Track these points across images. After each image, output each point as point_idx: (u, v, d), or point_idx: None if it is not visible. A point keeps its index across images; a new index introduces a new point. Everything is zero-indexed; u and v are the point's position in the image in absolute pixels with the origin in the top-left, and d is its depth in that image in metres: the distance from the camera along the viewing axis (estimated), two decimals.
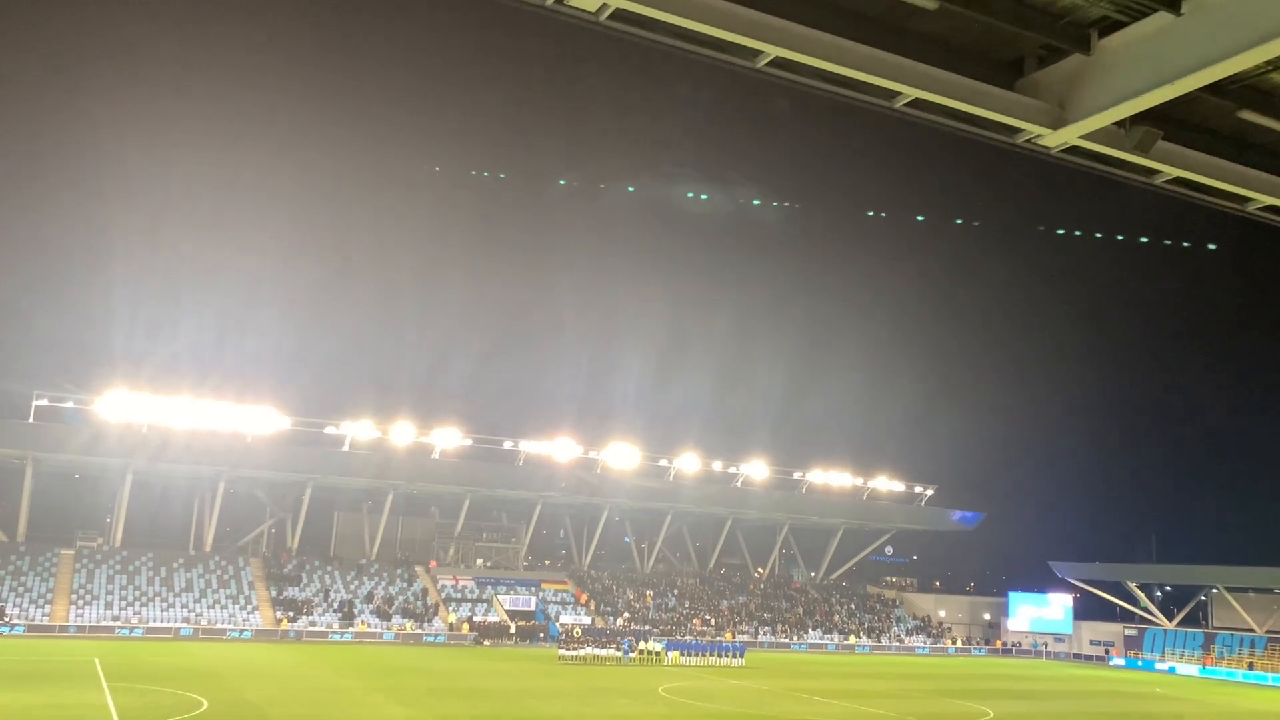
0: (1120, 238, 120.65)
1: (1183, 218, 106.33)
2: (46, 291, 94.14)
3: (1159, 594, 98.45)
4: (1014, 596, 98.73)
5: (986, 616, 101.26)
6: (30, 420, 69.55)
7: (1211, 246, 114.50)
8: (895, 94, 13.21)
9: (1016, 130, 13.72)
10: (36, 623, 63.49)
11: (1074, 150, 14.18)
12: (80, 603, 67.00)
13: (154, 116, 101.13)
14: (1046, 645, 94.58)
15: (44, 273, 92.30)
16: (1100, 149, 13.92)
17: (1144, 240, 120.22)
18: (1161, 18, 11.96)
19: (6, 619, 62.80)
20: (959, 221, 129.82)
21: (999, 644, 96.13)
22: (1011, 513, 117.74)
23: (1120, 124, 13.37)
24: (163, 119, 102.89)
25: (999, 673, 70.10)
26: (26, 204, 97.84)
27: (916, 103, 13.33)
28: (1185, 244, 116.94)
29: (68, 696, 34.42)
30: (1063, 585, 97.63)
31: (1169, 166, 14.32)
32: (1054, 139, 13.71)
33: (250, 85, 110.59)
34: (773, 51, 12.32)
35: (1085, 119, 13.09)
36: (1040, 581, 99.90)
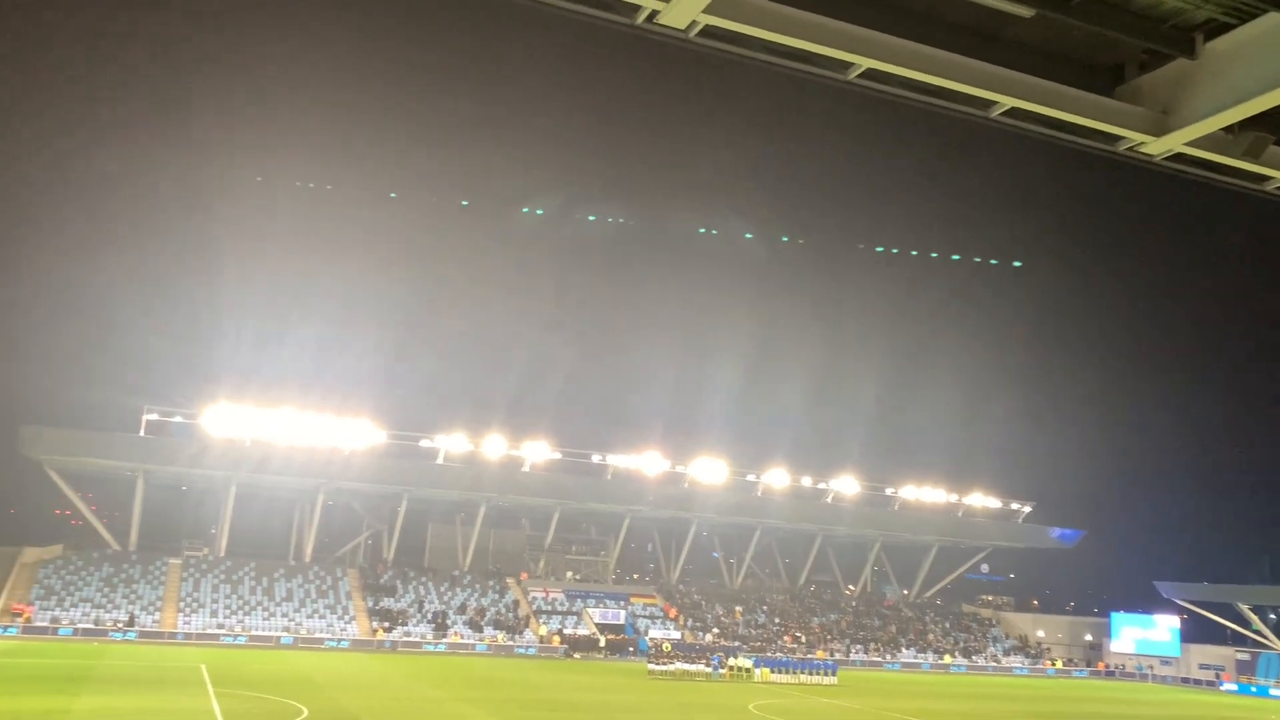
0: (1231, 248, 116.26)
1: None
2: (156, 309, 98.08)
3: (1273, 616, 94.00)
4: (1117, 617, 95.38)
5: (1088, 637, 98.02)
6: (141, 434, 72.53)
7: None
8: (991, 103, 13.00)
9: (1118, 138, 13.38)
10: (147, 629, 65.93)
11: (1179, 157, 13.76)
12: (187, 610, 69.39)
13: (261, 137, 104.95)
14: (1152, 668, 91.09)
15: (153, 291, 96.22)
16: (1207, 155, 13.48)
17: (1255, 251, 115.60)
18: (1271, 18, 11.56)
19: (122, 625, 65.35)
20: (1057, 234, 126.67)
21: (1101, 666, 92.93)
22: (1114, 530, 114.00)
23: (1228, 129, 12.94)
24: (269, 140, 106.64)
25: (1102, 695, 67.74)
26: (137, 224, 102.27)
27: (1013, 112, 13.10)
28: None
29: (177, 702, 35.67)
30: (1169, 606, 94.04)
31: None
32: (1158, 146, 13.33)
33: (352, 109, 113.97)
34: (864, 64, 12.25)
35: (1191, 125, 12.71)
36: (1145, 602, 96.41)
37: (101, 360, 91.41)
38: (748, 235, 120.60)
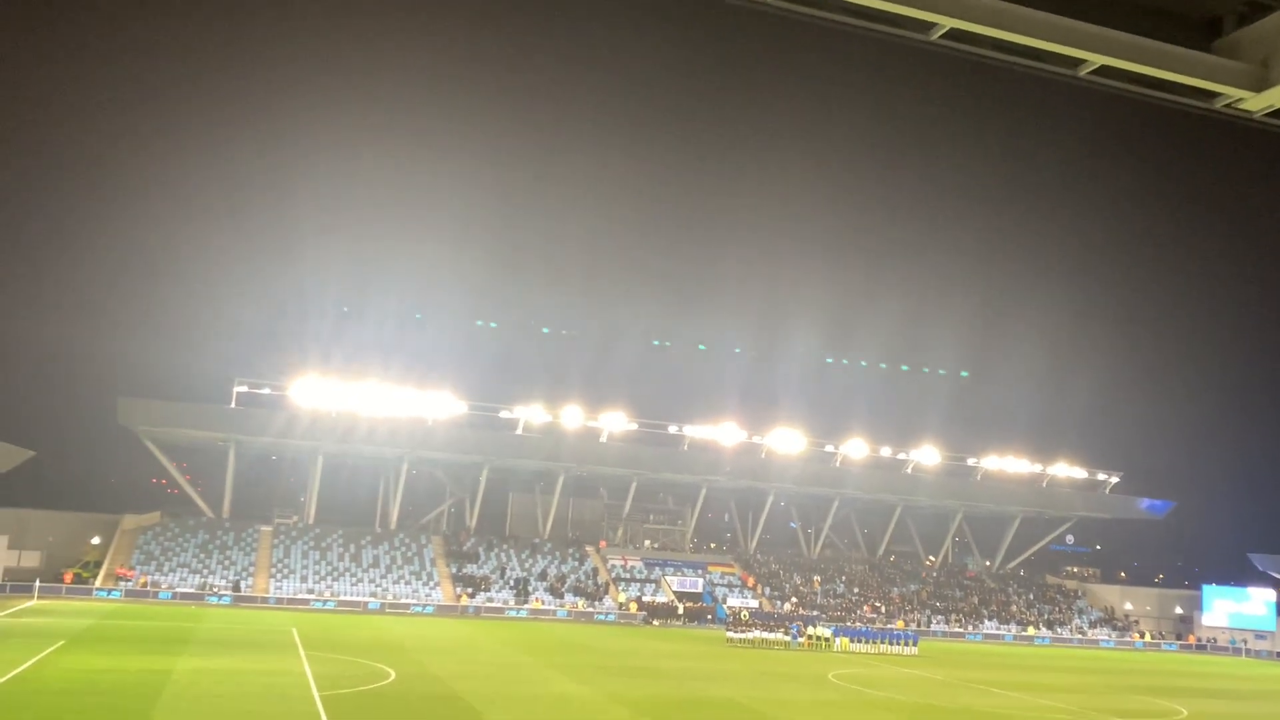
0: None
1: None
2: (244, 282, 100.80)
3: None
4: (1208, 590, 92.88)
5: (1178, 610, 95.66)
6: (232, 405, 74.84)
7: None
8: (1080, 62, 12.61)
9: (1215, 95, 12.87)
10: (242, 594, 68.34)
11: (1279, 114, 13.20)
12: (279, 576, 71.70)
13: (339, 114, 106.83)
14: (1246, 642, 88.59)
15: (241, 264, 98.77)
16: None
17: None
18: None
19: (219, 590, 67.85)
20: (1147, 197, 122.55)
21: (1192, 639, 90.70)
22: (1205, 501, 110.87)
23: None
24: (347, 116, 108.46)
25: (1193, 670, 66.18)
26: (228, 198, 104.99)
27: (1103, 70, 12.68)
28: None
29: (271, 663, 36.97)
30: (1264, 579, 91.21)
31: None
32: (1258, 102, 12.78)
33: (428, 81, 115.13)
34: (948, 23, 11.95)
35: None
36: (1238, 574, 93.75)
37: (194, 334, 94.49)
38: (825, 199, 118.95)
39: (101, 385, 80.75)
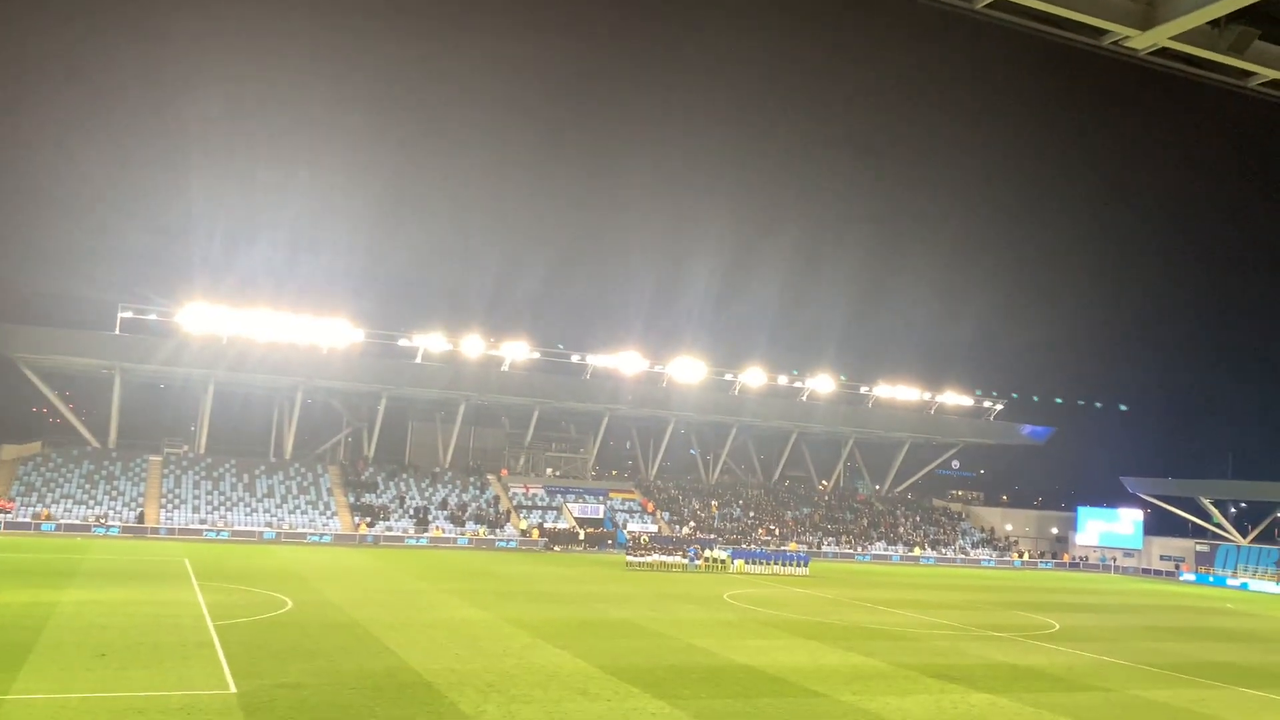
0: (1211, 145, 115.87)
1: (1271, 121, 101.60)
2: (128, 205, 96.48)
3: (1233, 510, 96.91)
4: (1083, 511, 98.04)
5: (1054, 531, 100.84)
6: (116, 332, 72.03)
7: None
8: None
9: (1103, 32, 13.22)
10: (129, 524, 66.61)
11: (1163, 52, 13.62)
12: (169, 506, 70.05)
13: (230, 34, 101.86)
14: (1115, 560, 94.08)
15: (125, 187, 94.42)
16: (1191, 50, 13.35)
17: (1235, 147, 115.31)
18: None
19: (104, 520, 65.99)
20: (1034, 129, 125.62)
21: (1066, 558, 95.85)
22: (1083, 428, 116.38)
23: (1214, 23, 12.82)
24: (237, 35, 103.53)
25: (1065, 586, 70.06)
26: (109, 120, 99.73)
27: (997, 4, 12.90)
28: (1274, 148, 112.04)
29: (162, 594, 36.28)
30: (1134, 501, 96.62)
31: (1265, 68, 13.70)
32: (1143, 40, 13.18)
33: (321, 4, 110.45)
34: None
35: (1177, 19, 12.56)
36: (1111, 497, 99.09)
37: (75, 257, 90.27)
38: (723, 131, 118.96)
39: None
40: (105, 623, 28.51)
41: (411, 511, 76.79)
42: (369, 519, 73.85)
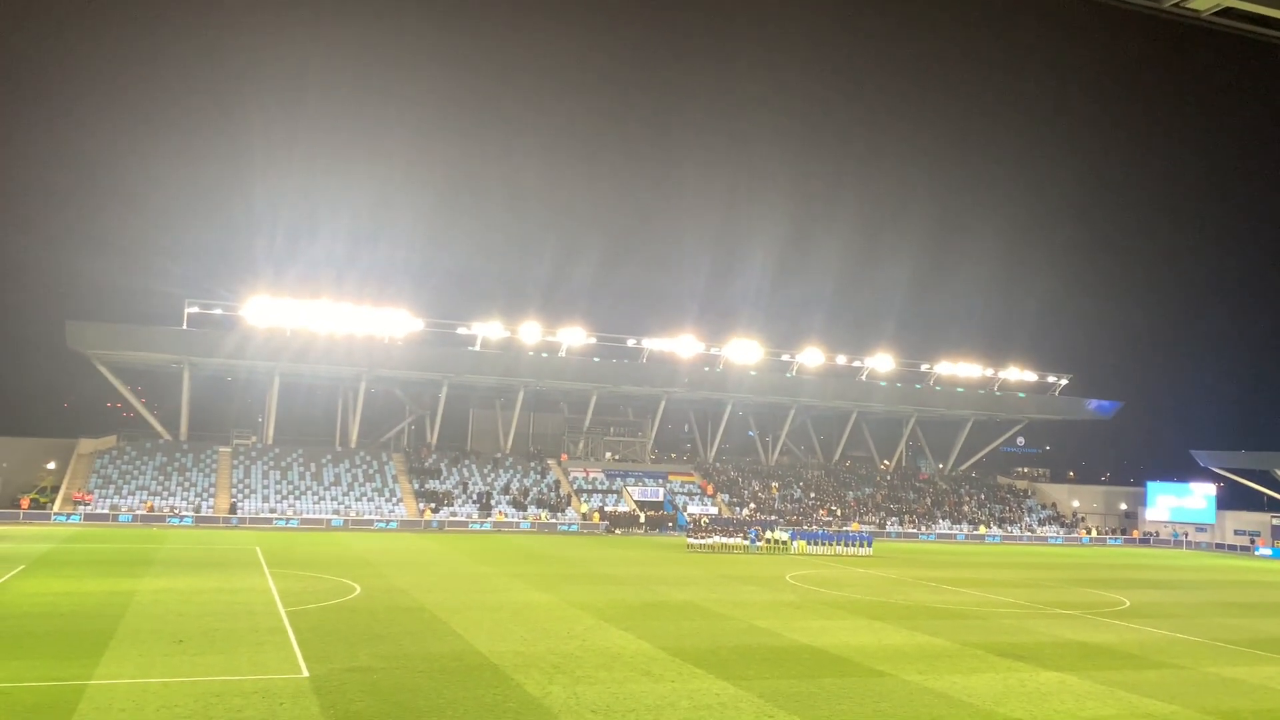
0: (1271, 108, 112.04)
1: None
2: (193, 202, 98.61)
3: None
4: (1152, 486, 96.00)
5: (1123, 506, 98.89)
6: (184, 326, 73.76)
7: None
8: None
9: None
10: (202, 514, 68.32)
11: (1227, 12, 13.21)
12: (240, 496, 71.68)
13: (291, 33, 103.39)
14: (1187, 535, 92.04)
15: (190, 184, 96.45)
16: (1257, 9, 12.93)
17: None
18: None
19: (179, 511, 67.79)
20: (1102, 103, 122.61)
21: (1136, 534, 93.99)
22: (1151, 401, 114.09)
23: None
24: (298, 34, 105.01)
25: (1136, 563, 68.73)
26: (174, 119, 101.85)
27: None
28: None
29: (235, 581, 37.19)
30: (1205, 475, 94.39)
31: None
32: (1205, 1, 12.81)
33: (379, 2, 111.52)
34: None
35: None
36: (1182, 471, 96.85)
37: (143, 255, 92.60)
38: (781, 114, 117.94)
39: (50, 308, 79.21)
40: (181, 610, 29.33)
41: (474, 497, 77.71)
42: (433, 505, 74.90)
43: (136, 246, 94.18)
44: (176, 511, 67.80)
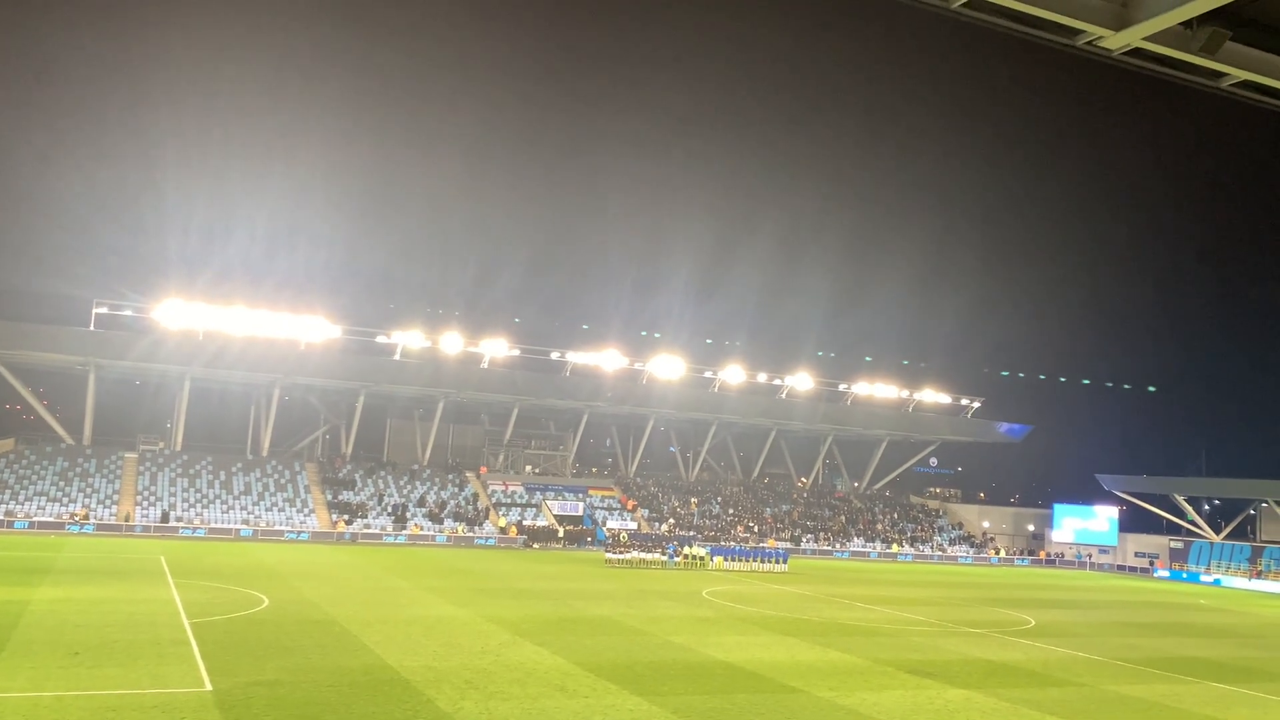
0: (1184, 145, 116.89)
1: (1244, 121, 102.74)
2: (103, 201, 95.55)
3: (1207, 508, 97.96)
4: (1059, 508, 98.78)
5: (1030, 528, 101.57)
6: (91, 328, 71.39)
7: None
8: None
9: (1077, 31, 13.32)
10: (104, 522, 66.04)
11: (1137, 53, 13.73)
12: (145, 504, 69.50)
13: (204, 30, 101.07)
14: (1091, 557, 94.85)
15: (101, 182, 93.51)
16: (1164, 51, 13.46)
17: (1207, 146, 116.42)
18: None
19: (79, 518, 65.40)
20: (1014, 128, 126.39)
21: (1042, 555, 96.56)
22: (1059, 426, 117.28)
23: (1187, 24, 12.93)
24: (212, 32, 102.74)
25: (1041, 582, 70.60)
26: (82, 116, 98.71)
27: (973, 3, 12.98)
28: (1243, 147, 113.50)
29: (138, 591, 36.00)
30: (1109, 498, 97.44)
31: (1237, 69, 13.83)
32: (1116, 40, 13.28)
33: (296, 1, 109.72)
34: None
35: (1150, 19, 12.67)
36: (1086, 494, 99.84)
37: (50, 253, 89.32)
38: (701, 129, 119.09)
39: None
40: (79, 621, 28.27)
41: (390, 509, 76.51)
42: (347, 516, 73.54)
43: (41, 246, 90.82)
44: (76, 518, 65.41)
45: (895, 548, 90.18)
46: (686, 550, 64.70)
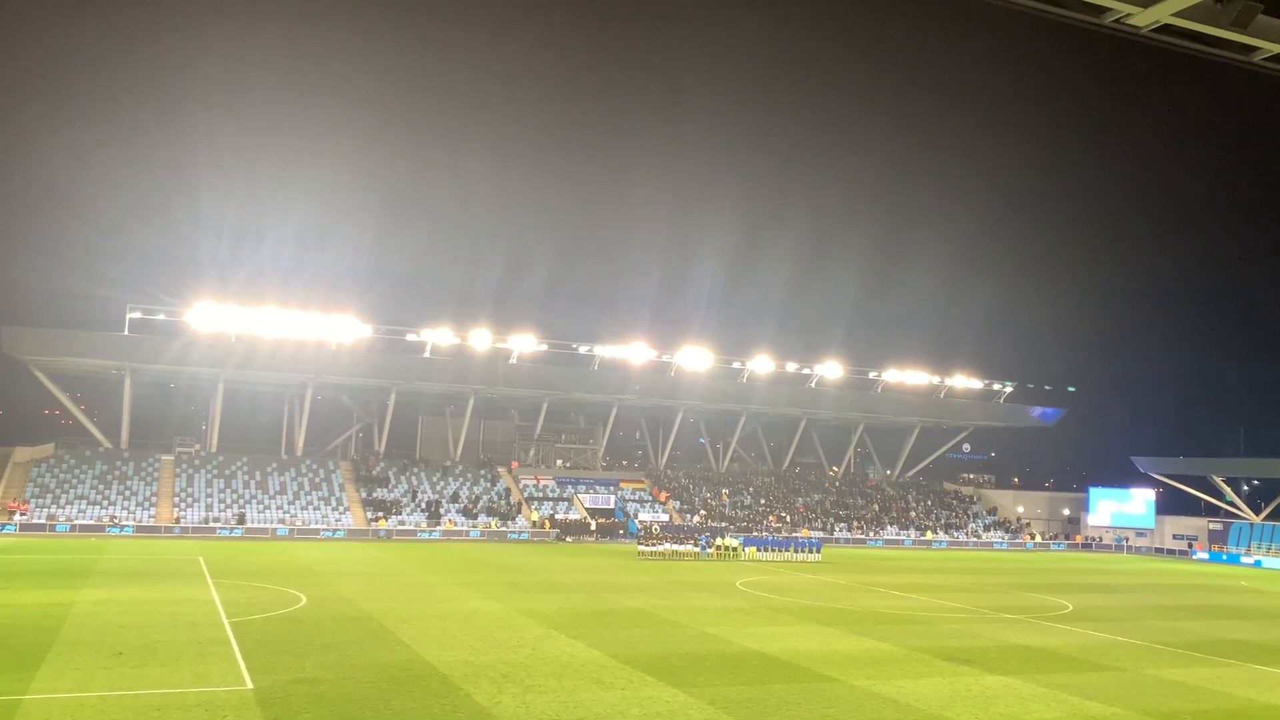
0: (1216, 122, 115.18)
1: (1275, 96, 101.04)
2: (136, 206, 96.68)
3: (1246, 488, 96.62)
4: (1094, 492, 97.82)
5: (1066, 512, 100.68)
6: (125, 332, 72.28)
7: None
8: None
9: (1104, 10, 13.11)
10: (143, 524, 66.93)
11: (1166, 29, 13.50)
12: (182, 505, 70.35)
13: (236, 33, 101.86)
14: (1128, 540, 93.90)
15: (133, 187, 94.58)
16: (1194, 26, 13.22)
17: (1240, 125, 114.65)
18: None
19: (119, 521, 66.32)
20: (1041, 112, 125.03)
21: (1079, 539, 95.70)
22: (1093, 408, 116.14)
23: None
24: (244, 35, 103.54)
25: (1078, 567, 69.97)
26: (116, 120, 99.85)
27: None
28: (1276, 121, 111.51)
29: (177, 592, 36.46)
30: (1145, 480, 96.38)
31: (1268, 43, 13.58)
32: (1144, 17, 13.06)
33: (326, 4, 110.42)
34: None
35: None
36: (1123, 477, 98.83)
37: (83, 258, 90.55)
38: (730, 120, 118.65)
39: None
40: (121, 622, 28.68)
41: (423, 505, 77.02)
42: (381, 514, 74.09)
43: (76, 251, 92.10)
44: (117, 521, 66.33)
45: (929, 535, 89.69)
46: (720, 542, 64.67)
